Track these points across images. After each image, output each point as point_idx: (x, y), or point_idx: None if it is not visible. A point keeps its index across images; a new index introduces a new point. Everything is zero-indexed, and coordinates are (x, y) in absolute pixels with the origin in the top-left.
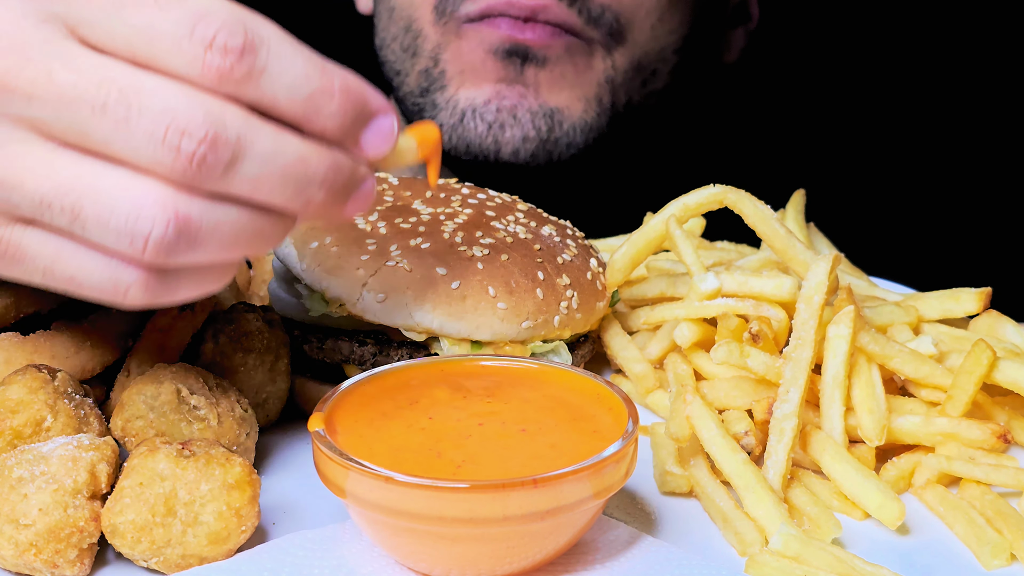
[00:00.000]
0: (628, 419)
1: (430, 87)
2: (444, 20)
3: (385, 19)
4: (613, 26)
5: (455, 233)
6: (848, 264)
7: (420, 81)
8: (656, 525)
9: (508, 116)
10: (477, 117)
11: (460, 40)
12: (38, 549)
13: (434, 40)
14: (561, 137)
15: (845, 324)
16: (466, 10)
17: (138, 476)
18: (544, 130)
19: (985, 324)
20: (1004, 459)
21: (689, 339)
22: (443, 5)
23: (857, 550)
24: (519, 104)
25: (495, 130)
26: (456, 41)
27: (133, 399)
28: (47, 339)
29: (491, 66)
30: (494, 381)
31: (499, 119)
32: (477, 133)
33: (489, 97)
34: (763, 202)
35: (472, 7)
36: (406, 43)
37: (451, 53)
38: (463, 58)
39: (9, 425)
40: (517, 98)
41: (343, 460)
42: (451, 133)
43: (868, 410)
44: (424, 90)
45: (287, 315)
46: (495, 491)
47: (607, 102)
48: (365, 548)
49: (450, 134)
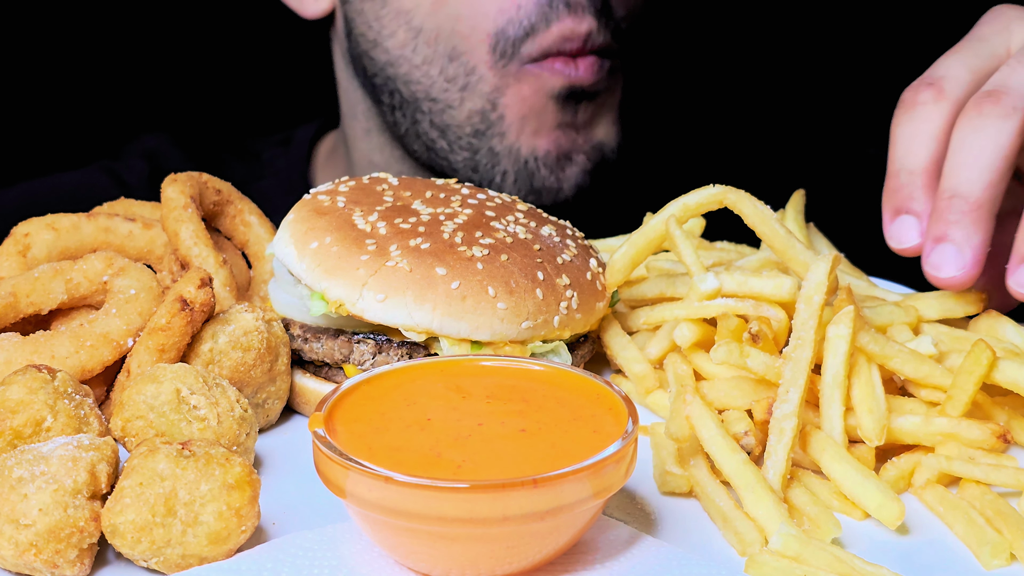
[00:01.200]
0: (628, 419)
1: (487, 131)
2: (503, 62)
3: (405, 37)
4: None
5: (455, 233)
6: (848, 264)
7: (474, 120)
8: (656, 525)
9: (565, 159)
10: (540, 164)
11: (520, 84)
12: (38, 549)
13: (492, 82)
14: (604, 167)
15: (845, 324)
16: (527, 51)
17: (138, 476)
18: (595, 159)
19: (985, 324)
20: (1004, 459)
21: (689, 339)
22: (503, 46)
23: (857, 550)
24: (572, 147)
25: (556, 172)
26: (516, 85)
27: (133, 399)
28: (47, 339)
29: (551, 110)
30: (494, 381)
31: (560, 164)
32: (542, 175)
33: (549, 148)
34: (763, 202)
35: (533, 47)
36: (452, 73)
37: (511, 98)
38: (524, 103)
39: (9, 425)
40: (570, 144)
41: (343, 460)
42: (516, 177)
43: (868, 410)
44: (479, 132)
45: (287, 315)
46: (495, 491)
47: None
48: (365, 548)
49: (515, 177)
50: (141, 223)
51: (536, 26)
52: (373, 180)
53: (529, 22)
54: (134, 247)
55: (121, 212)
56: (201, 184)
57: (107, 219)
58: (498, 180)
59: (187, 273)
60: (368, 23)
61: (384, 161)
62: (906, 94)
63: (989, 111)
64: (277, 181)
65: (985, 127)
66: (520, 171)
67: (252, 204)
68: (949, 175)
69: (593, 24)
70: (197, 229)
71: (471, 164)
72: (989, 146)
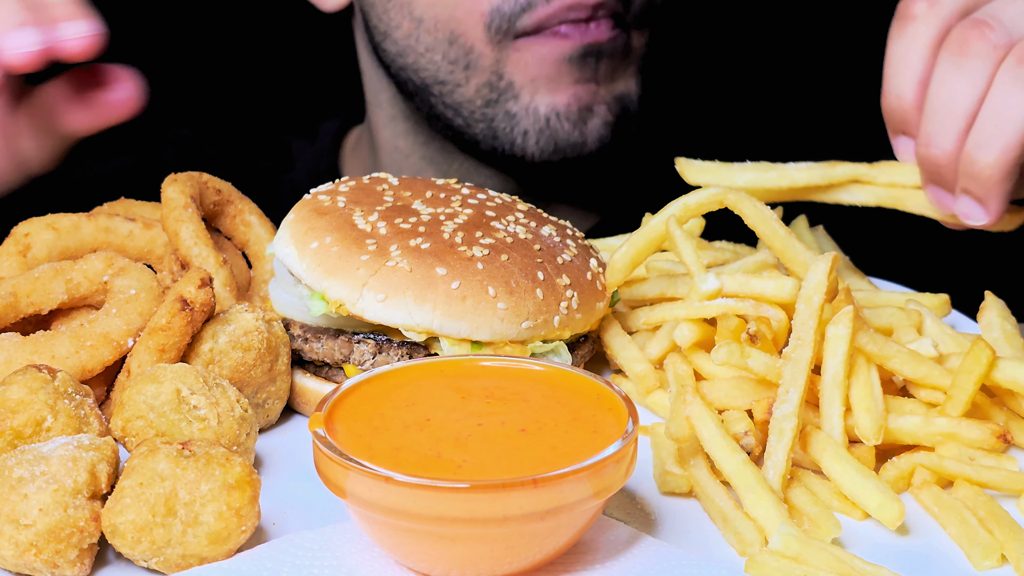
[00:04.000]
0: (628, 419)
1: (498, 98)
2: (499, 37)
3: (408, 27)
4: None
5: (455, 233)
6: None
7: (483, 92)
8: (656, 525)
9: (587, 111)
10: (562, 119)
11: (520, 53)
12: (38, 549)
13: (492, 56)
14: (629, 121)
15: (844, 324)
16: (523, 24)
17: (138, 476)
18: (617, 111)
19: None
20: (1004, 459)
21: (689, 339)
22: (498, 22)
23: (857, 550)
24: (594, 99)
25: (580, 126)
26: (515, 54)
27: (133, 399)
28: (47, 339)
29: (566, 71)
30: (494, 381)
31: (582, 116)
32: (565, 131)
33: (569, 100)
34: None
35: (529, 20)
36: (453, 56)
37: (513, 66)
38: (530, 69)
39: (9, 425)
40: (591, 96)
41: (343, 460)
42: (538, 136)
43: (866, 410)
44: (490, 101)
45: (287, 315)
46: (495, 491)
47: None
48: (365, 548)
49: (537, 137)
50: (141, 223)
51: (535, 2)
52: (373, 180)
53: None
54: (134, 247)
55: (121, 212)
56: (201, 184)
57: (107, 219)
58: (520, 142)
59: (187, 273)
60: (379, 15)
61: (408, 147)
62: (901, 4)
63: (974, 48)
64: (306, 172)
65: (966, 67)
66: (542, 129)
67: (252, 204)
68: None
69: None
70: (197, 229)
71: (490, 133)
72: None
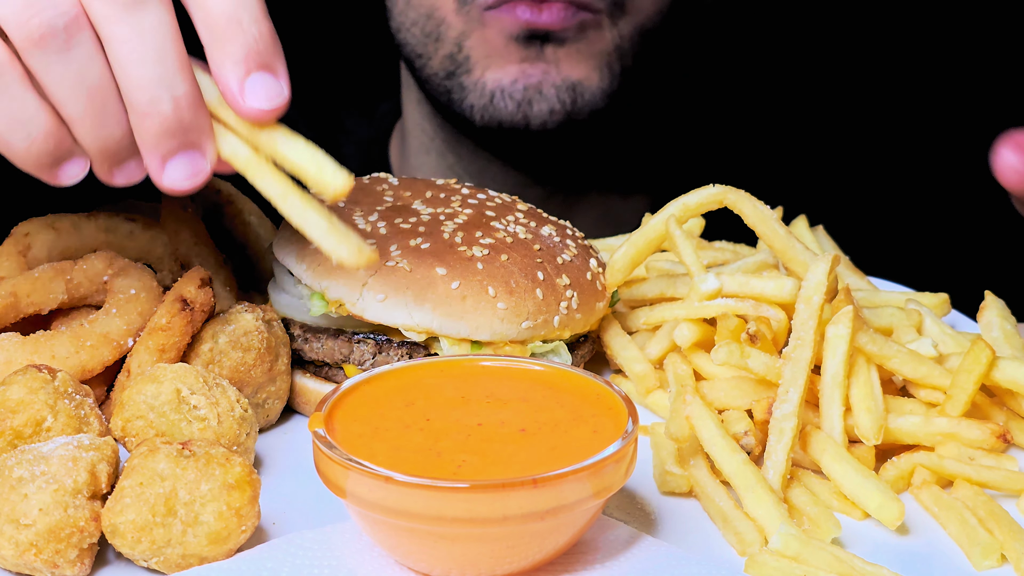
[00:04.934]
0: (628, 419)
1: (456, 71)
2: (467, 8)
3: (402, 4)
4: None
5: (455, 233)
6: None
7: (445, 65)
8: (656, 525)
9: (534, 92)
10: (506, 97)
11: (484, 28)
12: (38, 549)
13: (458, 28)
14: (583, 107)
15: (844, 324)
16: None
17: (138, 476)
18: (568, 102)
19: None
20: (1004, 459)
21: (689, 339)
22: None
23: (857, 550)
24: (543, 80)
25: (524, 107)
26: (480, 28)
27: (133, 399)
28: (47, 339)
29: (513, 49)
30: (494, 381)
31: (526, 96)
32: (508, 111)
33: (515, 77)
34: (763, 202)
35: None
36: (428, 29)
37: (475, 40)
38: (487, 44)
39: (9, 425)
40: (540, 75)
41: (343, 460)
42: (483, 113)
43: (866, 409)
44: (450, 73)
45: (287, 315)
46: (495, 491)
47: (617, 69)
48: (365, 548)
49: (482, 113)
50: (141, 223)
51: None
52: (373, 180)
53: None
54: (134, 247)
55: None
56: None
57: (107, 219)
58: (467, 115)
59: (187, 273)
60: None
61: (433, 129)
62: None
63: None
64: (358, 151)
65: None
66: (486, 106)
67: (252, 204)
68: None
69: None
70: (197, 229)
71: (448, 104)
72: None
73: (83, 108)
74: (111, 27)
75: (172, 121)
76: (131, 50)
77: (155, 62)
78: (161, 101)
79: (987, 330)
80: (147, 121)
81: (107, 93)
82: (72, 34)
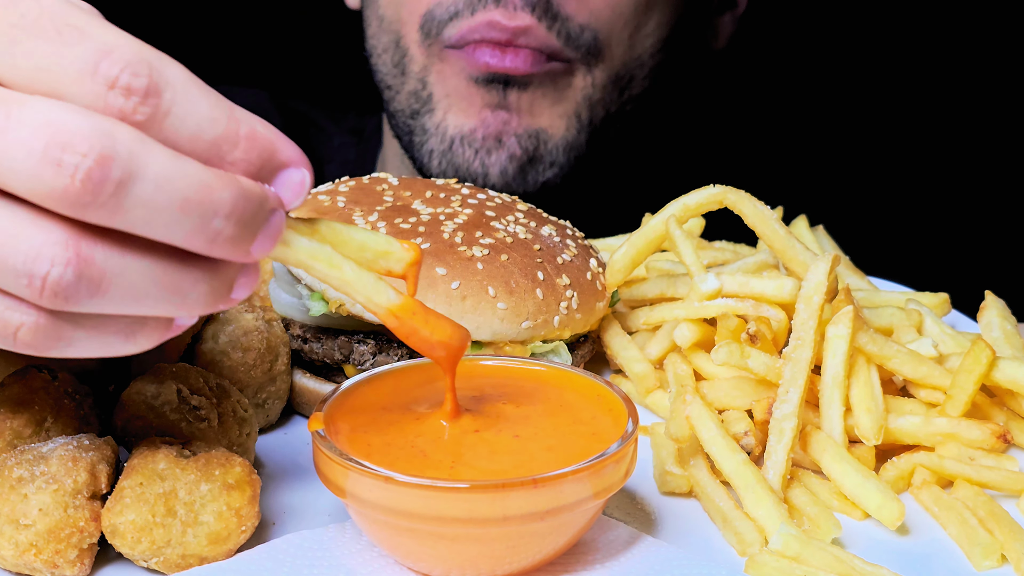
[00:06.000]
0: (628, 419)
1: (420, 110)
2: (429, 42)
3: (375, 27)
4: (592, 46)
5: (455, 233)
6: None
7: (410, 102)
8: (656, 525)
9: (494, 142)
10: (465, 144)
11: (443, 64)
12: (38, 549)
13: (420, 62)
14: (545, 155)
15: (844, 324)
16: (448, 34)
17: (138, 476)
18: (530, 149)
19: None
20: (1004, 459)
21: (689, 339)
22: (428, 26)
23: (857, 550)
24: (504, 129)
25: (482, 155)
26: (439, 64)
27: (133, 399)
28: None
29: (475, 92)
30: (494, 381)
31: (485, 145)
32: (465, 158)
33: (475, 126)
34: (763, 202)
35: (452, 31)
36: (396, 59)
37: (436, 76)
38: (447, 82)
39: (9, 425)
40: (501, 124)
41: (343, 460)
42: (441, 159)
43: (866, 409)
44: (414, 112)
45: (287, 315)
46: (495, 491)
47: (586, 118)
48: (365, 548)
49: (440, 159)
50: None
51: (461, 12)
52: (373, 180)
53: (455, 8)
54: None
55: None
56: None
57: None
58: (425, 160)
59: None
60: (364, 17)
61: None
62: None
63: None
64: (344, 170)
65: None
66: (444, 152)
67: None
68: None
69: (530, 23)
70: None
71: (409, 146)
72: None
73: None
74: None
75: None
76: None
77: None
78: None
79: (987, 330)
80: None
81: None
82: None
